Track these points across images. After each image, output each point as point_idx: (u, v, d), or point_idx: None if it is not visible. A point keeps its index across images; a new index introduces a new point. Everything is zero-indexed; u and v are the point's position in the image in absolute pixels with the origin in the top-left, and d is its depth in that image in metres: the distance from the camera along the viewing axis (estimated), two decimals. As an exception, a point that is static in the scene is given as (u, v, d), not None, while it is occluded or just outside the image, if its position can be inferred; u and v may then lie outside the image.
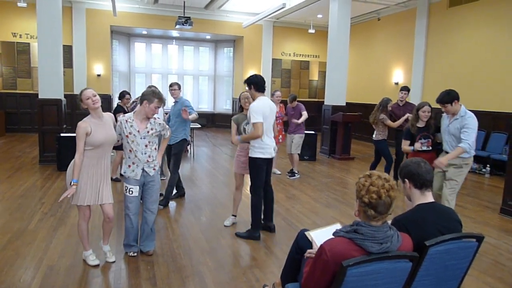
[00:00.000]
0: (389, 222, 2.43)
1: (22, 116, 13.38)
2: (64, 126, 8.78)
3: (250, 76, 4.68)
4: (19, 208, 5.50)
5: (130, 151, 3.89)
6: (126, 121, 3.87)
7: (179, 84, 6.11)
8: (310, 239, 2.66)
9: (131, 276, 3.66)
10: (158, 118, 4.12)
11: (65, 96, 9.02)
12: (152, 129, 3.94)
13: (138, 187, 3.94)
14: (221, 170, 8.72)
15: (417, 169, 2.39)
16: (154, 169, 4.01)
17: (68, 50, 13.25)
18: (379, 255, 1.92)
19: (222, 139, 13.91)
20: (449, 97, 4.49)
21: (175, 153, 5.91)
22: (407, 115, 6.86)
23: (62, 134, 8.12)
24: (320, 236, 2.54)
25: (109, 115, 3.82)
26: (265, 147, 4.53)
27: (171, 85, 6.04)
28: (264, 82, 4.64)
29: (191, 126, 10.34)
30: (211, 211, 5.74)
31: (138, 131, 3.87)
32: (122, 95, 7.30)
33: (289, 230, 4.98)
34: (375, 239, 1.94)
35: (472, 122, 4.44)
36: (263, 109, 4.46)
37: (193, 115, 5.84)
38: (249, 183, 4.76)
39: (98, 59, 14.10)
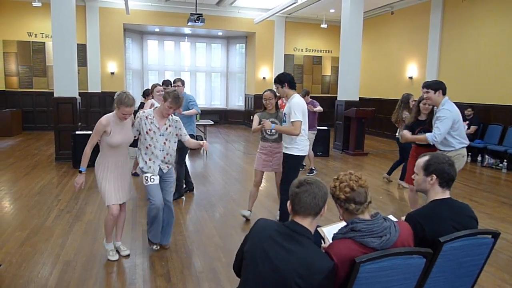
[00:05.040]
0: (403, 218, 2.42)
1: (38, 114, 13.60)
2: (79, 124, 8.91)
3: (282, 74, 4.61)
4: (36, 205, 5.60)
5: (147, 147, 3.92)
6: (146, 117, 3.91)
7: (183, 81, 6.13)
8: (322, 235, 2.66)
9: (145, 272, 3.71)
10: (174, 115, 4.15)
11: (80, 94, 9.14)
12: (170, 126, 3.98)
13: (158, 176, 3.98)
14: (234, 167, 8.74)
15: (450, 170, 2.38)
16: (168, 166, 4.06)
17: (82, 49, 13.40)
18: (386, 251, 1.91)
19: (235, 135, 13.94)
20: (436, 85, 4.35)
21: (179, 148, 5.96)
22: None
23: (77, 132, 8.24)
24: (331, 231, 2.53)
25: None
26: (303, 144, 4.55)
27: (174, 82, 6.08)
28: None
29: (203, 123, 10.46)
30: (224, 207, 5.77)
31: (158, 128, 3.91)
32: (147, 94, 7.30)
33: (302, 226, 4.97)
34: (373, 233, 1.93)
35: (445, 112, 4.22)
36: (303, 106, 4.46)
37: (192, 111, 5.92)
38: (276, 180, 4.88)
39: (112, 57, 14.24)
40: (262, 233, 2.00)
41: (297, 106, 4.40)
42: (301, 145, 4.53)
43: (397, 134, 7.08)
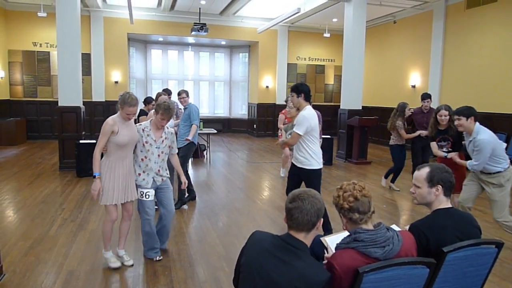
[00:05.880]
0: (407, 228, 2.42)
1: (42, 123, 13.66)
2: (83, 133, 8.94)
3: (301, 85, 4.54)
4: (40, 214, 5.61)
5: (142, 159, 3.95)
6: (143, 130, 3.94)
7: (187, 92, 6.26)
8: (326, 245, 2.65)
9: (149, 281, 3.70)
10: (170, 127, 4.19)
11: (84, 103, 9.19)
12: (166, 138, 4.02)
13: (153, 190, 4.01)
14: (237, 176, 8.74)
15: (450, 178, 2.42)
16: (162, 179, 4.09)
17: (86, 58, 13.51)
18: (389, 261, 1.91)
19: (238, 144, 13.96)
20: (467, 111, 4.31)
21: (182, 155, 6.00)
22: (418, 132, 6.92)
23: (81, 141, 8.28)
24: (335, 241, 2.52)
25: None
26: (320, 156, 4.55)
27: (179, 94, 6.18)
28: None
29: (206, 132, 10.50)
30: (227, 217, 5.76)
31: (155, 140, 3.94)
32: (149, 101, 7.32)
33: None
34: (376, 243, 1.94)
35: (482, 144, 4.18)
36: (311, 121, 4.38)
37: (192, 132, 6.01)
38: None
39: (116, 66, 14.33)
40: (257, 246, 2.02)
41: (303, 119, 4.33)
42: (320, 157, 4.53)
43: (390, 141, 7.35)
